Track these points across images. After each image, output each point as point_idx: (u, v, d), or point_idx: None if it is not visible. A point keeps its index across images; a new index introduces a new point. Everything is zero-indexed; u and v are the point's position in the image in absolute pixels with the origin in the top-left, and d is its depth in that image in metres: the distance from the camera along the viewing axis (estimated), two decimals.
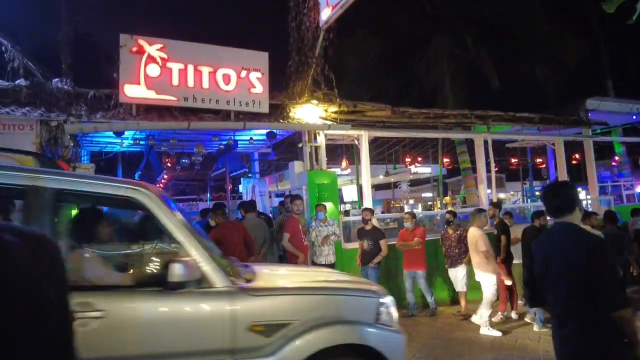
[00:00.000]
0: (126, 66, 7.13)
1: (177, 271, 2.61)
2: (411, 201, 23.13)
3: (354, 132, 9.30)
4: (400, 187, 21.23)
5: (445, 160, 16.05)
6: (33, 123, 6.73)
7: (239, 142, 9.87)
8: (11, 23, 7.90)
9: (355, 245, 7.84)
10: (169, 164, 12.31)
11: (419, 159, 16.49)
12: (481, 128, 10.88)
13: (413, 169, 16.59)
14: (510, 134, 12.24)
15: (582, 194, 18.32)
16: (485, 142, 10.76)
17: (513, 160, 16.97)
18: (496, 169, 13.23)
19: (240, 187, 13.91)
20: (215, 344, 2.70)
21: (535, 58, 13.66)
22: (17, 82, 7.21)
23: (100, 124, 7.03)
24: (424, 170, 17.79)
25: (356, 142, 9.72)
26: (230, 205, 17.66)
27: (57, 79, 7.42)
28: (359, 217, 8.30)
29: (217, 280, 2.82)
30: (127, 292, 2.74)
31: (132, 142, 9.32)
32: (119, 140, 9.22)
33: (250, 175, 13.21)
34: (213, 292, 2.79)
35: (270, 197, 12.34)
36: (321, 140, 8.98)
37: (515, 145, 14.85)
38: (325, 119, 9.07)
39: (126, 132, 8.10)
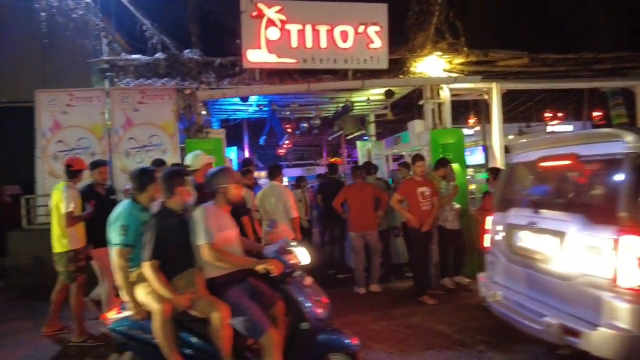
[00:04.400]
0: (248, 31, 7.29)
1: None
2: None
3: (483, 85, 8.36)
4: None
5: (595, 114, 13.74)
6: (171, 92, 7.32)
7: (355, 104, 9.63)
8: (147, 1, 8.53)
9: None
10: (289, 130, 12.67)
11: (560, 114, 14.44)
12: None
13: (550, 127, 14.58)
14: None
15: None
16: None
17: None
18: None
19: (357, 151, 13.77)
20: None
21: None
22: (156, 55, 7.87)
23: (228, 90, 7.38)
24: (564, 128, 15.50)
25: (485, 97, 8.76)
26: (345, 169, 17.81)
27: (188, 50, 7.92)
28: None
29: None
30: None
31: (256, 108, 9.70)
32: (244, 107, 9.68)
33: (366, 138, 12.95)
34: None
35: (387, 160, 11.95)
36: (445, 95, 8.25)
37: None
38: (450, 71, 8.29)
39: (251, 98, 8.41)
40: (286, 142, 16.85)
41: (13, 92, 8.20)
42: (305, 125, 11.46)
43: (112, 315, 3.09)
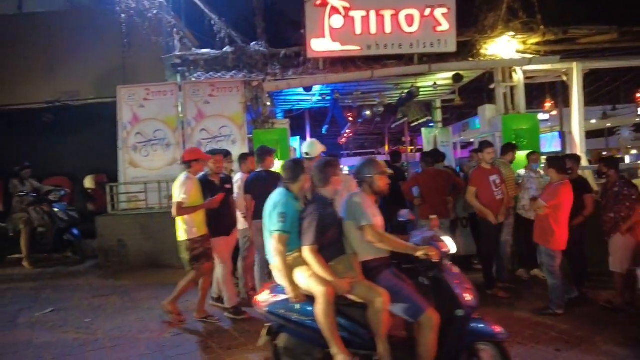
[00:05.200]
0: (312, 20, 7.32)
1: None
2: (633, 151, 18.68)
3: (562, 66, 7.75)
4: (619, 134, 17.20)
5: None
6: (239, 84, 7.56)
7: (420, 89, 9.36)
8: None
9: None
10: (351, 118, 12.61)
11: None
12: None
13: None
14: None
15: None
16: None
17: None
18: None
19: (422, 139, 13.41)
20: None
21: None
22: (224, 49, 8.16)
23: (293, 80, 7.49)
24: None
25: (564, 78, 8.11)
26: (408, 158, 17.42)
27: (254, 42, 8.12)
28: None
29: None
30: None
31: (319, 97, 9.75)
32: (308, 97, 9.78)
33: (432, 125, 12.56)
34: None
35: (454, 148, 11.52)
36: (518, 78, 7.76)
37: None
38: (524, 52, 7.76)
39: (314, 88, 8.48)
40: (347, 131, 16.81)
41: (98, 89, 8.93)
42: (367, 113, 11.34)
43: (266, 298, 3.16)
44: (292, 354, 3.03)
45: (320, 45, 7.34)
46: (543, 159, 8.31)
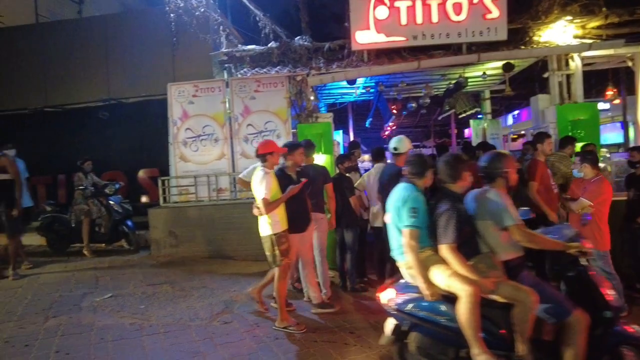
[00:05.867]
0: (356, 12, 7.24)
1: None
2: None
3: (626, 51, 7.20)
4: None
5: None
6: (283, 80, 7.62)
7: (469, 79, 9.04)
8: None
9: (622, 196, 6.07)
10: (395, 111, 12.41)
11: None
12: None
13: None
14: None
15: None
16: None
17: None
18: None
19: (468, 131, 12.96)
20: None
21: None
22: (269, 45, 8.24)
23: (337, 74, 7.44)
24: None
25: (629, 64, 7.54)
26: (455, 151, 16.89)
27: (298, 37, 8.14)
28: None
29: None
30: None
31: (363, 90, 9.66)
32: (351, 91, 9.72)
33: (480, 116, 12.11)
34: None
35: (506, 140, 11.05)
36: (576, 65, 7.31)
37: None
38: (582, 37, 7.29)
39: (357, 81, 8.39)
40: (390, 124, 16.57)
41: (150, 87, 9.30)
42: (413, 105, 11.11)
43: (392, 296, 3.09)
44: (426, 353, 2.96)
45: (365, 37, 7.25)
46: (603, 151, 7.79)
